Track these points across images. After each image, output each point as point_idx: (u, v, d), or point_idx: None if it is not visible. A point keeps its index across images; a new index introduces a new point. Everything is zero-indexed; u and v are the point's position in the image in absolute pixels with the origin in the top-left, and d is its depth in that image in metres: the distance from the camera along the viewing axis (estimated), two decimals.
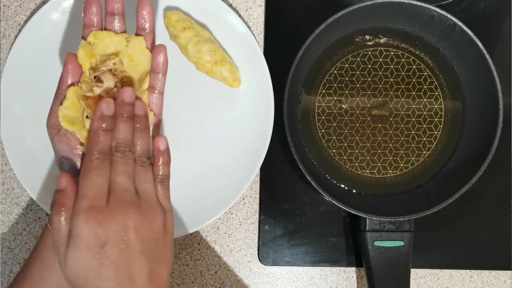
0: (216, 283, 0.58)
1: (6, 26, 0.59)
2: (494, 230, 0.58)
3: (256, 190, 0.59)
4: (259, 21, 0.60)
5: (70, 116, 0.43)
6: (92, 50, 0.44)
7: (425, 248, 0.57)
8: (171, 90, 0.54)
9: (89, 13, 0.44)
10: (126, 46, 0.45)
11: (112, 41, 0.45)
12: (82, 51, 0.43)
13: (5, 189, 0.58)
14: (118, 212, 0.37)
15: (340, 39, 0.57)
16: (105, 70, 0.44)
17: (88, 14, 0.44)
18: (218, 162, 0.56)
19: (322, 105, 0.57)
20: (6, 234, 0.57)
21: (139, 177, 0.41)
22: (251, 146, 0.55)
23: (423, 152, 0.57)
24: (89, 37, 0.44)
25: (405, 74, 0.57)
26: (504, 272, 0.58)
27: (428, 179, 0.57)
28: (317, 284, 0.58)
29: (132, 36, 0.46)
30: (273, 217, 0.58)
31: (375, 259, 0.53)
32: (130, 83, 0.45)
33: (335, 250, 0.58)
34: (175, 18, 0.53)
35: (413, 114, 0.57)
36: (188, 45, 0.53)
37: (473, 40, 0.52)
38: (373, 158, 0.57)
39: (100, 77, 0.43)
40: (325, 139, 0.57)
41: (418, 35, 0.57)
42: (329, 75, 0.57)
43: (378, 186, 0.57)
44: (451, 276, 0.58)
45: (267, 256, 0.57)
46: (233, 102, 0.57)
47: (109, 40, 0.45)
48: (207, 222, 0.54)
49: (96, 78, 0.44)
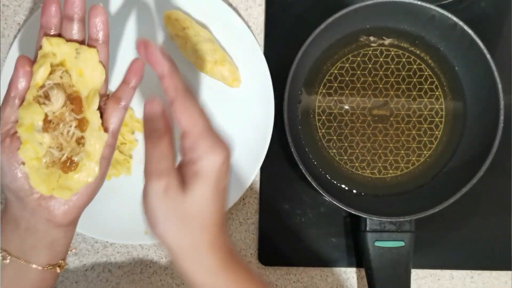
0: None
1: (5, 26, 0.59)
2: (495, 231, 0.58)
3: (256, 190, 0.58)
4: (259, 21, 0.60)
5: (28, 122, 0.38)
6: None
7: (425, 248, 0.57)
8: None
9: (47, 13, 0.39)
10: (76, 58, 0.40)
11: (60, 50, 0.39)
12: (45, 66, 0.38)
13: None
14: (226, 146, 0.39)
15: (340, 38, 0.57)
16: (52, 84, 0.38)
17: (46, 14, 0.39)
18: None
19: (323, 105, 0.57)
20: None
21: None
22: (251, 146, 0.55)
23: (424, 152, 0.57)
24: (43, 43, 0.39)
25: (406, 74, 0.57)
26: (505, 272, 0.58)
27: (428, 179, 0.56)
28: (317, 284, 0.58)
29: (83, 47, 0.40)
30: (273, 217, 0.58)
31: (376, 260, 0.53)
32: (78, 101, 0.40)
33: (335, 250, 0.57)
34: (175, 17, 0.53)
35: (414, 114, 0.57)
36: (188, 45, 0.53)
37: (474, 39, 0.52)
38: (374, 158, 0.57)
39: (48, 92, 0.38)
40: (326, 139, 0.57)
41: (418, 35, 0.57)
42: (329, 75, 0.57)
43: (379, 186, 0.56)
44: (452, 277, 0.58)
45: (267, 256, 0.57)
46: (233, 102, 0.57)
47: (57, 49, 0.39)
48: None
49: (44, 93, 0.38)
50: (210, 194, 0.37)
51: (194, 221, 0.37)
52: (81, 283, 0.57)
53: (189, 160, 0.37)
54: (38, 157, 0.39)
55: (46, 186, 0.39)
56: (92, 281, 0.57)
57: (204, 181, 0.37)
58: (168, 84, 0.37)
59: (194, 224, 0.37)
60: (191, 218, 0.37)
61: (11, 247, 0.40)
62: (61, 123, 0.39)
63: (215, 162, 0.37)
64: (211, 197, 0.37)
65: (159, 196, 0.36)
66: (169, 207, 0.36)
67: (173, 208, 0.36)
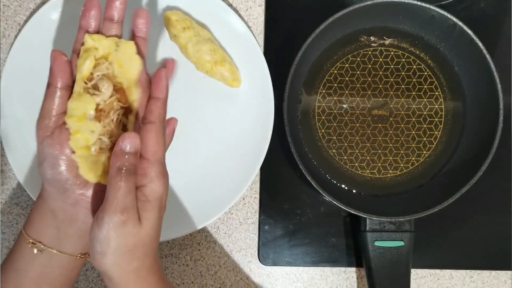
0: (216, 283, 0.58)
1: (6, 26, 0.59)
2: (494, 230, 0.58)
3: (256, 190, 0.58)
4: (259, 21, 0.60)
5: (80, 113, 0.40)
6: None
7: (425, 248, 0.57)
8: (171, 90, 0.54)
9: (88, 16, 0.42)
10: (116, 51, 0.42)
11: (102, 44, 0.42)
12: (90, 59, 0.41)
13: (5, 189, 0.58)
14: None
15: (340, 39, 0.57)
16: (101, 75, 0.41)
17: (86, 16, 0.42)
18: (218, 162, 0.56)
19: (322, 105, 0.57)
20: (6, 235, 0.57)
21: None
22: (251, 146, 0.55)
23: (423, 152, 0.57)
24: (86, 39, 0.41)
25: (405, 74, 0.57)
26: (505, 272, 0.58)
27: (428, 179, 0.57)
28: (317, 284, 0.58)
29: (122, 40, 0.43)
30: (273, 217, 0.58)
31: (375, 259, 0.53)
32: (122, 91, 0.42)
33: (335, 250, 0.58)
34: (175, 18, 0.53)
35: (413, 114, 0.57)
36: (188, 45, 0.53)
37: (474, 40, 0.52)
38: (373, 158, 0.57)
39: (98, 84, 0.41)
40: (325, 139, 0.57)
41: (418, 35, 0.57)
42: (329, 75, 0.57)
43: (378, 186, 0.57)
44: (452, 276, 0.58)
45: (267, 256, 0.57)
46: (233, 102, 0.57)
47: (99, 44, 0.42)
48: (207, 222, 0.54)
49: (93, 85, 0.41)
50: (158, 223, 0.40)
51: (143, 248, 0.39)
52: (81, 283, 0.57)
53: (139, 184, 0.39)
54: (88, 145, 0.40)
55: (94, 174, 0.41)
56: (92, 281, 0.57)
57: (155, 210, 0.39)
58: (157, 109, 0.41)
59: (141, 252, 0.39)
60: (141, 246, 0.38)
61: (46, 238, 0.42)
62: (111, 111, 0.41)
63: (161, 189, 0.40)
64: (158, 225, 0.40)
65: (116, 228, 0.37)
66: (123, 239, 0.38)
67: (127, 239, 0.38)
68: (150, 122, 0.41)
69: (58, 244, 0.42)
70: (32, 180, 0.54)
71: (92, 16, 0.42)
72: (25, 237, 0.42)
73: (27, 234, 0.42)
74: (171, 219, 0.54)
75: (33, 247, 0.41)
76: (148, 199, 0.39)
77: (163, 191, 0.40)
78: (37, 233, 0.42)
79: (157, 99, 0.41)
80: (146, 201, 0.39)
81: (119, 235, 0.37)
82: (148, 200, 0.39)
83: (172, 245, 0.58)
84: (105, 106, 0.41)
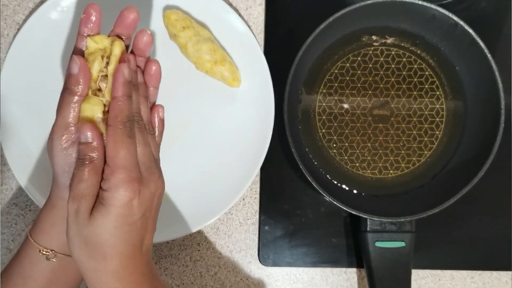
0: (216, 284, 0.57)
1: (4, 26, 0.59)
2: (495, 231, 0.58)
3: (256, 190, 0.58)
4: (259, 20, 0.60)
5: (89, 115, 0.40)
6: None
7: (426, 248, 0.57)
8: (171, 90, 0.54)
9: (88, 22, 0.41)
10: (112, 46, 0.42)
11: (103, 44, 0.41)
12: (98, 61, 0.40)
13: (4, 189, 0.57)
14: (151, 183, 0.39)
15: (340, 38, 0.57)
16: (101, 76, 0.41)
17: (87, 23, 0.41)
18: (218, 162, 0.56)
19: (323, 104, 0.57)
20: (5, 235, 0.57)
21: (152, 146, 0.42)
22: (251, 146, 0.55)
23: (424, 152, 0.57)
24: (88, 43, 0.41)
25: (406, 74, 0.57)
26: (506, 272, 0.58)
27: (429, 179, 0.56)
28: (318, 285, 0.58)
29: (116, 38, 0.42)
30: (273, 218, 0.58)
31: (376, 260, 0.53)
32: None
33: (335, 250, 0.57)
34: (174, 17, 0.53)
35: (414, 114, 0.57)
36: (187, 45, 0.53)
37: (475, 39, 0.52)
38: (374, 158, 0.57)
39: (99, 85, 0.41)
40: (326, 139, 0.57)
41: (419, 35, 0.57)
42: (329, 75, 0.57)
43: (379, 187, 0.56)
44: (452, 277, 0.58)
45: (267, 257, 0.57)
46: (233, 102, 0.56)
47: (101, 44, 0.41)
48: (207, 222, 0.54)
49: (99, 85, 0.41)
50: (115, 227, 0.38)
51: (97, 249, 0.38)
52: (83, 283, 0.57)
53: (101, 187, 0.38)
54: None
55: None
56: None
57: (108, 213, 0.37)
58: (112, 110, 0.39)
59: (97, 252, 0.38)
60: (92, 245, 0.38)
61: (57, 245, 0.42)
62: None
63: (123, 197, 0.37)
64: (116, 230, 0.38)
65: (71, 216, 0.38)
66: (76, 228, 0.38)
67: (79, 230, 0.38)
68: (108, 125, 0.39)
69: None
70: (31, 181, 0.54)
71: (93, 22, 0.41)
72: (34, 245, 0.42)
73: (37, 242, 0.42)
74: (171, 220, 0.54)
75: (44, 255, 0.42)
76: (104, 202, 0.37)
77: (123, 199, 0.37)
78: (49, 241, 0.42)
79: (112, 99, 0.39)
80: (101, 203, 0.38)
81: (71, 222, 0.38)
82: (104, 203, 0.38)
83: (172, 245, 0.58)
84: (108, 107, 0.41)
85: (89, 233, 0.37)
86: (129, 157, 0.38)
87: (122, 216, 0.38)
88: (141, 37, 0.42)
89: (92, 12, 0.41)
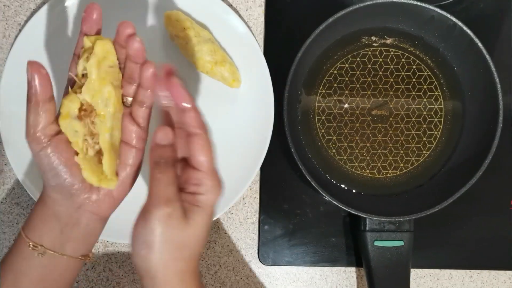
0: (216, 283, 0.58)
1: (6, 26, 0.59)
2: (494, 230, 0.58)
3: (256, 190, 0.59)
4: (259, 21, 0.60)
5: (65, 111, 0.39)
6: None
7: (425, 248, 0.57)
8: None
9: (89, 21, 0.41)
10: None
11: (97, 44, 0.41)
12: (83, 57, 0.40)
13: (5, 189, 0.58)
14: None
15: (340, 39, 0.57)
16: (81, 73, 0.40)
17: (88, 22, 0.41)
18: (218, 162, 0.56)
19: (322, 105, 0.57)
20: (6, 234, 0.57)
21: None
22: (251, 146, 0.55)
23: (423, 152, 0.57)
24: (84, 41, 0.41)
25: (405, 74, 0.57)
26: (504, 272, 0.58)
27: (428, 179, 0.57)
28: (317, 284, 0.58)
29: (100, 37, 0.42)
30: (273, 217, 0.58)
31: (375, 259, 0.53)
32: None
33: (335, 250, 0.58)
34: (175, 18, 0.53)
35: (413, 114, 0.57)
36: (188, 45, 0.53)
37: (473, 40, 0.52)
38: (373, 158, 0.57)
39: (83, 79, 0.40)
40: (325, 139, 0.57)
41: (418, 35, 0.57)
42: (329, 75, 0.57)
43: (378, 186, 0.57)
44: (451, 276, 0.59)
45: (267, 256, 0.57)
46: (233, 102, 0.57)
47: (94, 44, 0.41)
48: None
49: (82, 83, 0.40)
50: (206, 226, 0.40)
51: (189, 250, 0.39)
52: (82, 283, 0.57)
53: (193, 191, 0.40)
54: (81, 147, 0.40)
55: (97, 177, 0.40)
56: (92, 281, 0.57)
57: (205, 213, 0.40)
58: (193, 119, 0.39)
59: (187, 253, 0.39)
60: (186, 246, 0.39)
61: (48, 242, 0.42)
62: (93, 111, 0.40)
63: (215, 199, 0.40)
64: (206, 229, 0.40)
65: (161, 220, 0.37)
66: (169, 233, 0.38)
67: (173, 235, 0.38)
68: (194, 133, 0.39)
69: (60, 247, 0.42)
70: (32, 180, 0.54)
71: (93, 21, 0.41)
72: (25, 240, 0.42)
73: (28, 237, 0.42)
74: None
75: (34, 250, 0.41)
76: (201, 204, 0.39)
77: (214, 200, 0.40)
78: (39, 237, 0.42)
79: (185, 110, 0.39)
80: (197, 204, 0.39)
81: (164, 227, 0.37)
82: (200, 205, 0.39)
83: None
84: (88, 106, 0.40)
85: (187, 236, 0.38)
86: (214, 161, 0.41)
87: (211, 216, 0.41)
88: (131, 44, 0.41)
89: (93, 12, 0.41)
